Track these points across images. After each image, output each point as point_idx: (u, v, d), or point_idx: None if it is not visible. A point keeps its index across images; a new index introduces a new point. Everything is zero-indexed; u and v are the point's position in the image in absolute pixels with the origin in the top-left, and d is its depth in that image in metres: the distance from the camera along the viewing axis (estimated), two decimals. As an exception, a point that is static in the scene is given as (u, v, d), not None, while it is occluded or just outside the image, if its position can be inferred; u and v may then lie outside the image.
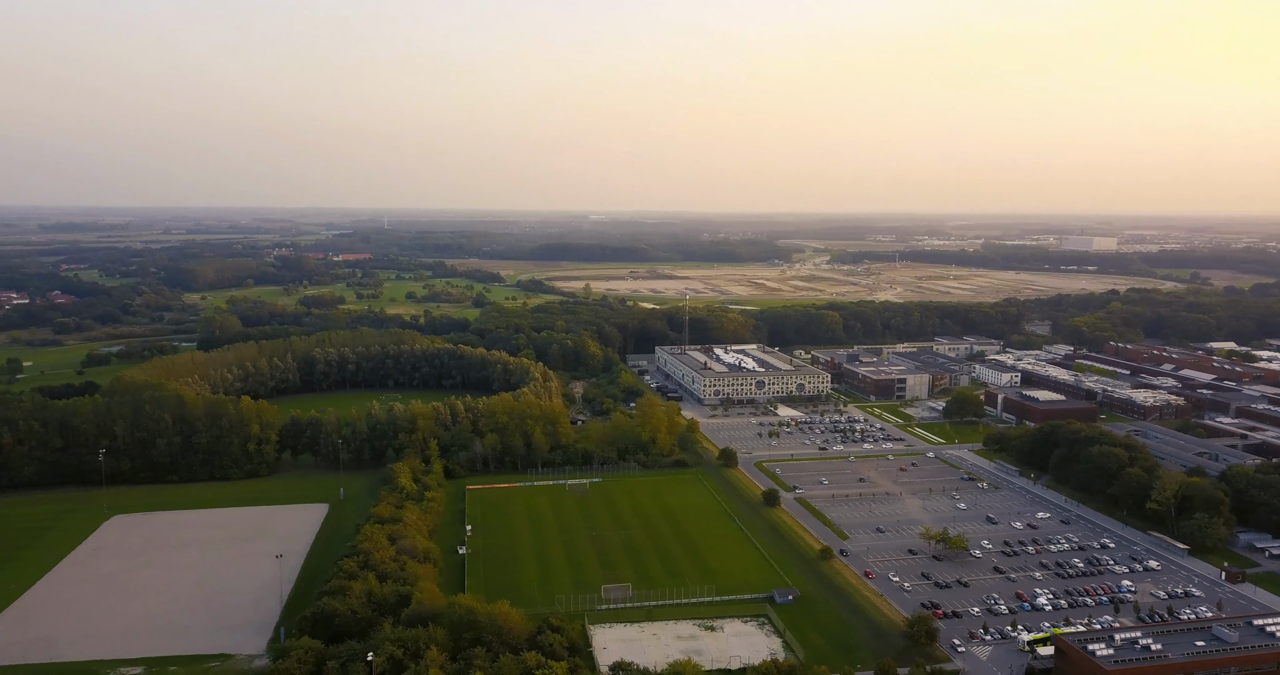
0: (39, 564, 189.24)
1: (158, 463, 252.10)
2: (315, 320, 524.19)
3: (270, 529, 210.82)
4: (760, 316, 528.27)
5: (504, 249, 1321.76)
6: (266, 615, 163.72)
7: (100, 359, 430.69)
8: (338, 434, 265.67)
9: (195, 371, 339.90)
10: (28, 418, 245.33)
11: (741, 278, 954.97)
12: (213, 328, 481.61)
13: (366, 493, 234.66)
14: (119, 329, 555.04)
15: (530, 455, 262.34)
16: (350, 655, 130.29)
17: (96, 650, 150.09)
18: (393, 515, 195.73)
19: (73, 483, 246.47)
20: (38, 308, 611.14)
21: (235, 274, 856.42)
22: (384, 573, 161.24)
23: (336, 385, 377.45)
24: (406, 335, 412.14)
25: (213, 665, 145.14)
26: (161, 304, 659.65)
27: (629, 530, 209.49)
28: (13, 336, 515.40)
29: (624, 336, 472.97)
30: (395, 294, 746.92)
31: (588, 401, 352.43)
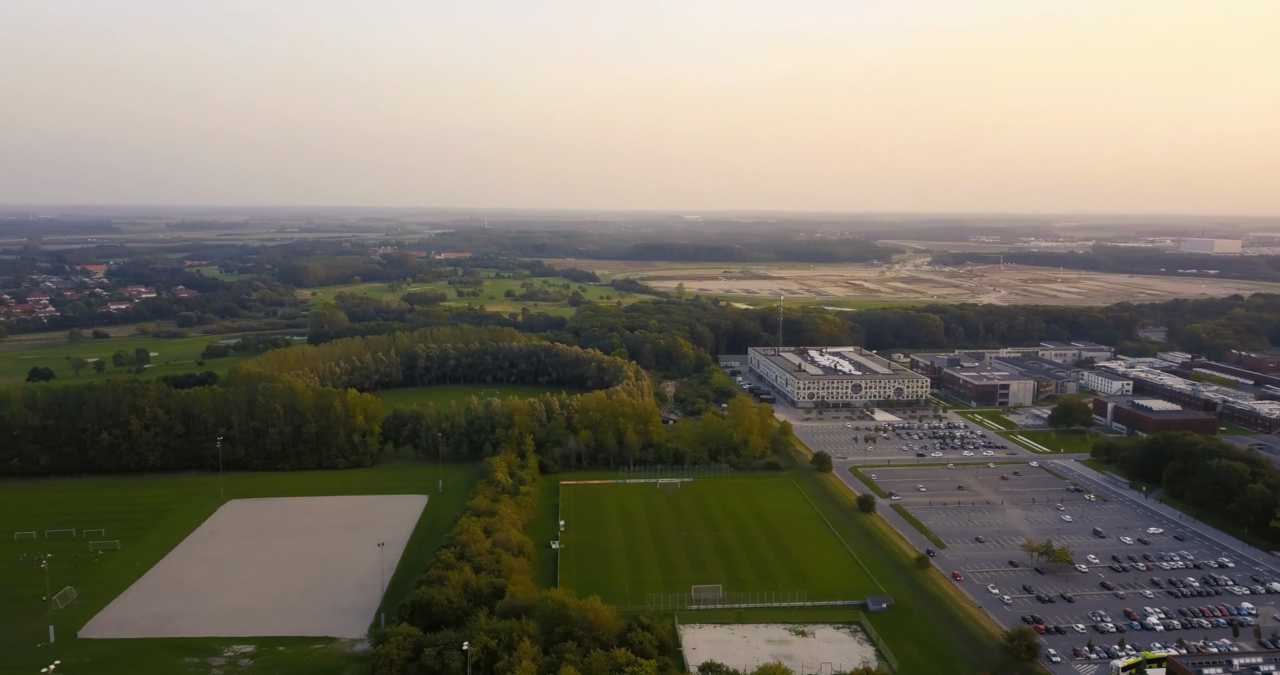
0: (162, 543, 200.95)
1: (270, 451, 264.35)
2: (418, 317, 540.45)
3: (373, 518, 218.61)
4: (857, 318, 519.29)
5: (600, 249, 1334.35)
6: (368, 601, 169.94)
7: (219, 351, 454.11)
8: (437, 427, 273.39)
9: (305, 364, 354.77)
10: (153, 406, 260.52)
11: (838, 278, 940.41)
12: (322, 323, 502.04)
13: (464, 485, 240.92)
14: (236, 323, 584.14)
15: (622, 453, 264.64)
16: (446, 643, 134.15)
17: (212, 628, 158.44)
18: (489, 508, 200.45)
19: (193, 468, 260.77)
20: (163, 302, 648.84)
21: (343, 271, 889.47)
22: (480, 564, 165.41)
23: (437, 380, 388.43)
24: (504, 332, 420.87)
25: (318, 647, 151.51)
26: (275, 299, 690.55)
27: (720, 531, 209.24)
28: (141, 328, 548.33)
29: (716, 337, 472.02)
30: (494, 292, 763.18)
31: (679, 401, 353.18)
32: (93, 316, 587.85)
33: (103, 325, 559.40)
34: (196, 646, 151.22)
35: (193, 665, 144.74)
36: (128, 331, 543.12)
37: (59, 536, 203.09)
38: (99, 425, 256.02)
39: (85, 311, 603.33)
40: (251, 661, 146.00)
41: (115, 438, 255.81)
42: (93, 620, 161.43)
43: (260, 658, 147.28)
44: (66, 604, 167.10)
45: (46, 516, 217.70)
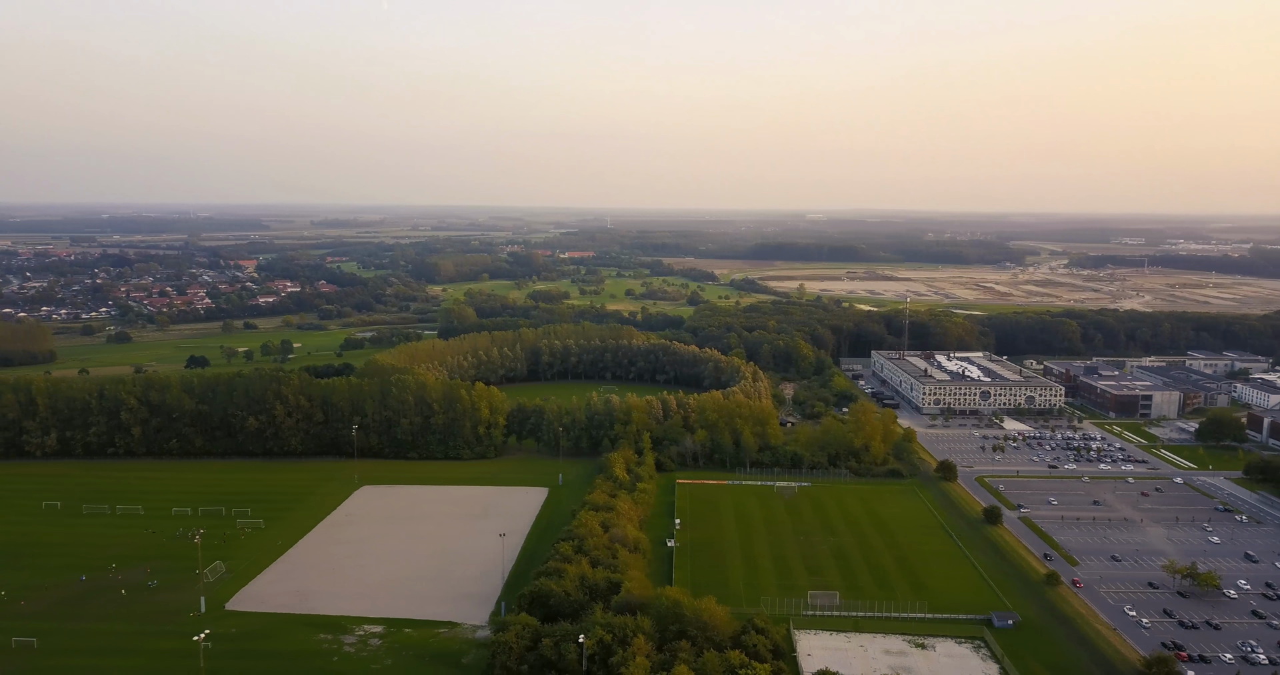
0: (301, 524, 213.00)
1: (400, 440, 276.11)
2: (542, 314, 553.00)
3: (495, 508, 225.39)
4: (987, 322, 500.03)
5: (719, 248, 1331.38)
6: (489, 589, 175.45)
7: (355, 343, 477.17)
8: (558, 422, 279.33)
9: (435, 358, 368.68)
10: (296, 394, 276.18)
11: (968, 281, 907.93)
12: (452, 318, 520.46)
13: (582, 480, 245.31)
14: (372, 316, 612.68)
15: (739, 454, 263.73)
16: (563, 635, 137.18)
17: (344, 607, 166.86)
18: (606, 503, 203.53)
19: (330, 453, 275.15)
20: (306, 295, 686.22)
21: (472, 268, 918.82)
22: (596, 559, 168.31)
23: (559, 376, 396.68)
24: (624, 331, 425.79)
25: (442, 631, 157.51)
26: (408, 294, 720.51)
27: (838, 537, 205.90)
28: (286, 320, 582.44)
29: (838, 339, 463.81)
30: (615, 290, 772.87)
31: (798, 404, 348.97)
32: (243, 308, 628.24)
33: (252, 317, 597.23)
34: (330, 624, 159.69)
35: (327, 641, 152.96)
36: (274, 323, 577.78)
37: (210, 514, 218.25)
38: (247, 411, 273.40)
39: (237, 304, 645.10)
40: (380, 642, 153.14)
41: (261, 423, 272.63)
42: (239, 593, 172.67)
43: (388, 638, 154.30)
44: (216, 577, 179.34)
45: (200, 494, 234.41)
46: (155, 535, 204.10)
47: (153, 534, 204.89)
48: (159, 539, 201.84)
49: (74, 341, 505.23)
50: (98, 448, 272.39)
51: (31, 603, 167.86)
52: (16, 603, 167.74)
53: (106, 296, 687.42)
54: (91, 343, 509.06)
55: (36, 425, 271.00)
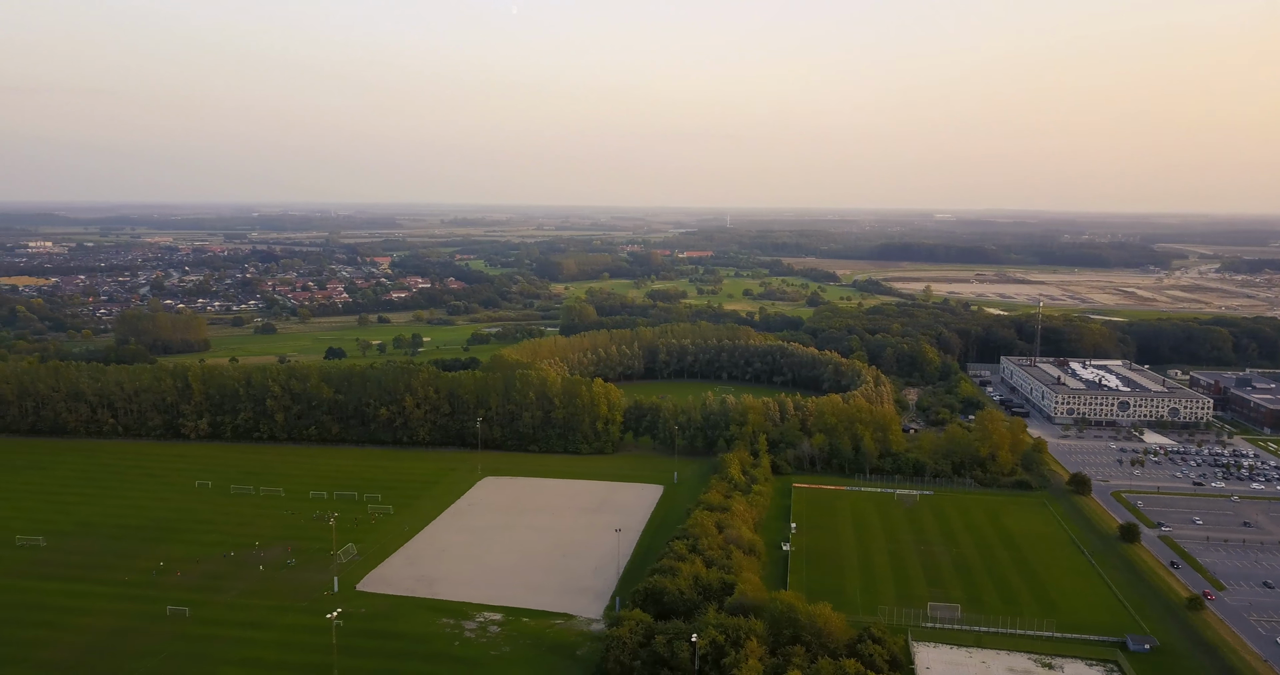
0: (427, 511, 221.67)
1: (522, 433, 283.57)
2: (659, 312, 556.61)
3: (611, 503, 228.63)
4: (1128, 329, 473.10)
5: (841, 248, 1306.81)
6: (604, 584, 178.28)
7: (481, 338, 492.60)
8: (674, 420, 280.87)
9: (556, 354, 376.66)
10: (425, 386, 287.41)
11: (1107, 285, 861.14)
12: (573, 315, 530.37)
13: (697, 479, 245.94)
14: (497, 313, 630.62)
15: (858, 459, 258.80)
16: (676, 633, 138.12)
17: (465, 593, 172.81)
18: (721, 504, 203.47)
19: (455, 444, 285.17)
20: (436, 291, 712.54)
21: (594, 267, 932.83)
22: (710, 559, 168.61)
23: (675, 374, 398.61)
24: (741, 331, 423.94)
25: (557, 622, 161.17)
26: (532, 292, 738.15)
27: (960, 548, 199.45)
28: (416, 315, 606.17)
29: (965, 343, 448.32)
30: (733, 290, 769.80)
31: (921, 410, 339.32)
32: (378, 303, 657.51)
33: (386, 311, 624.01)
34: (452, 609, 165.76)
35: (449, 626, 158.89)
36: (406, 317, 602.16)
37: (344, 498, 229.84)
38: (379, 401, 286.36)
39: (372, 299, 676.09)
40: (499, 629, 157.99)
41: (392, 413, 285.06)
42: (369, 576, 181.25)
43: (506, 626, 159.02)
44: (348, 559, 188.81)
45: (335, 479, 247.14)
46: (294, 516, 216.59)
47: (292, 515, 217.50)
48: (297, 520, 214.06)
49: (225, 332, 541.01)
50: (245, 432, 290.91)
51: (185, 574, 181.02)
52: (173, 573, 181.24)
53: (255, 290, 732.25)
54: (241, 333, 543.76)
55: (192, 409, 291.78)
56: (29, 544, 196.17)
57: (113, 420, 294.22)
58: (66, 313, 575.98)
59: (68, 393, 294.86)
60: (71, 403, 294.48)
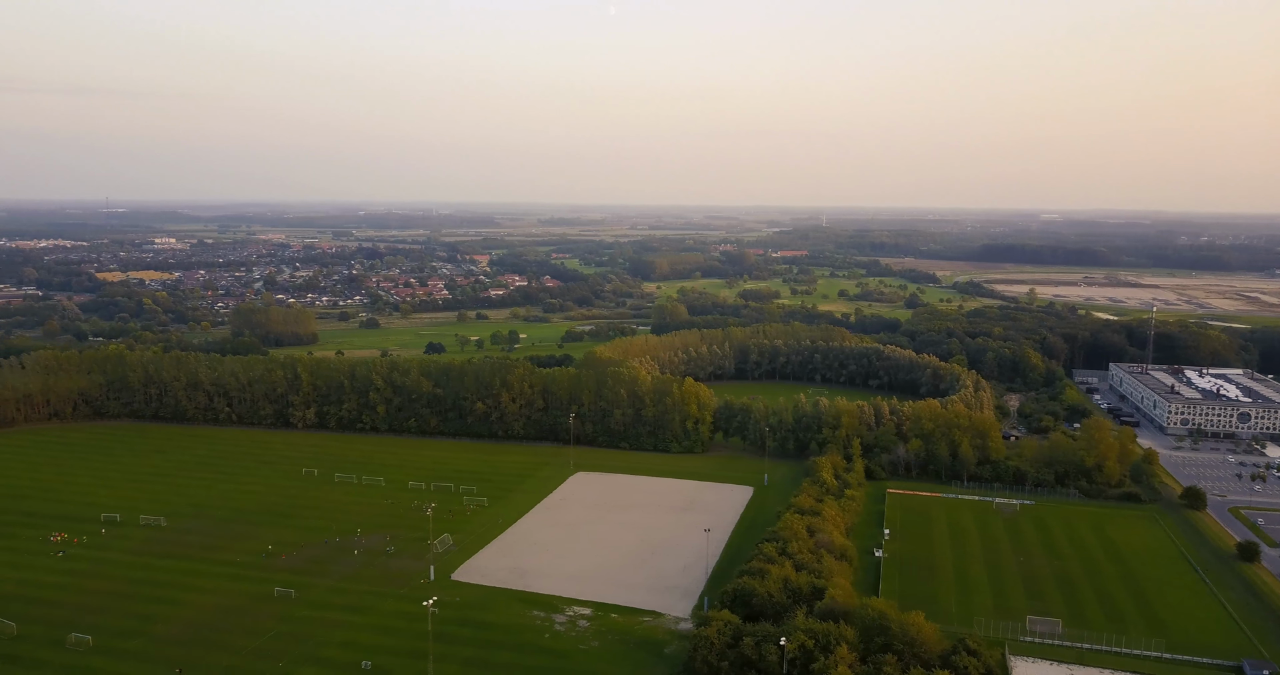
0: (520, 505, 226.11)
1: (613, 430, 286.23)
2: (751, 312, 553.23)
3: (700, 503, 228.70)
4: (1250, 336, 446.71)
5: (942, 249, 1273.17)
6: (692, 583, 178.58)
7: (575, 336, 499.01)
8: (765, 422, 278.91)
9: (648, 352, 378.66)
10: (520, 381, 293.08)
11: (1227, 289, 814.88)
12: (664, 314, 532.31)
13: (788, 482, 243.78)
14: (591, 311, 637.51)
15: (955, 466, 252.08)
16: (764, 636, 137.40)
17: (556, 587, 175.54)
18: (812, 507, 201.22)
19: (548, 439, 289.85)
20: (533, 289, 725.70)
21: (686, 267, 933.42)
22: (800, 562, 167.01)
23: (766, 375, 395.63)
24: (836, 332, 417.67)
25: (646, 619, 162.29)
26: (624, 291, 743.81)
27: (1063, 561, 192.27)
28: (513, 312, 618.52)
29: (1071, 349, 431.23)
30: (828, 291, 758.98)
31: (1023, 416, 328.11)
32: (476, 300, 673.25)
33: (484, 308, 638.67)
34: (543, 602, 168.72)
35: (539, 618, 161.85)
36: (503, 314, 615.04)
37: (441, 489, 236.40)
38: (476, 395, 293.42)
39: (471, 295, 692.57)
40: (588, 624, 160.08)
41: (488, 407, 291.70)
42: (463, 566, 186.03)
43: (596, 621, 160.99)
44: (444, 549, 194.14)
45: (432, 470, 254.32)
46: (393, 505, 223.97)
47: (391, 504, 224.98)
48: (396, 509, 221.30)
49: (332, 326, 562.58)
50: (348, 422, 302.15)
51: (291, 558, 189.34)
52: (279, 556, 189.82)
53: (360, 286, 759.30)
54: (346, 327, 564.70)
55: (300, 399, 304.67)
56: (151, 524, 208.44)
57: (228, 408, 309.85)
58: (188, 306, 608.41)
59: (188, 382, 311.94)
60: (191, 391, 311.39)
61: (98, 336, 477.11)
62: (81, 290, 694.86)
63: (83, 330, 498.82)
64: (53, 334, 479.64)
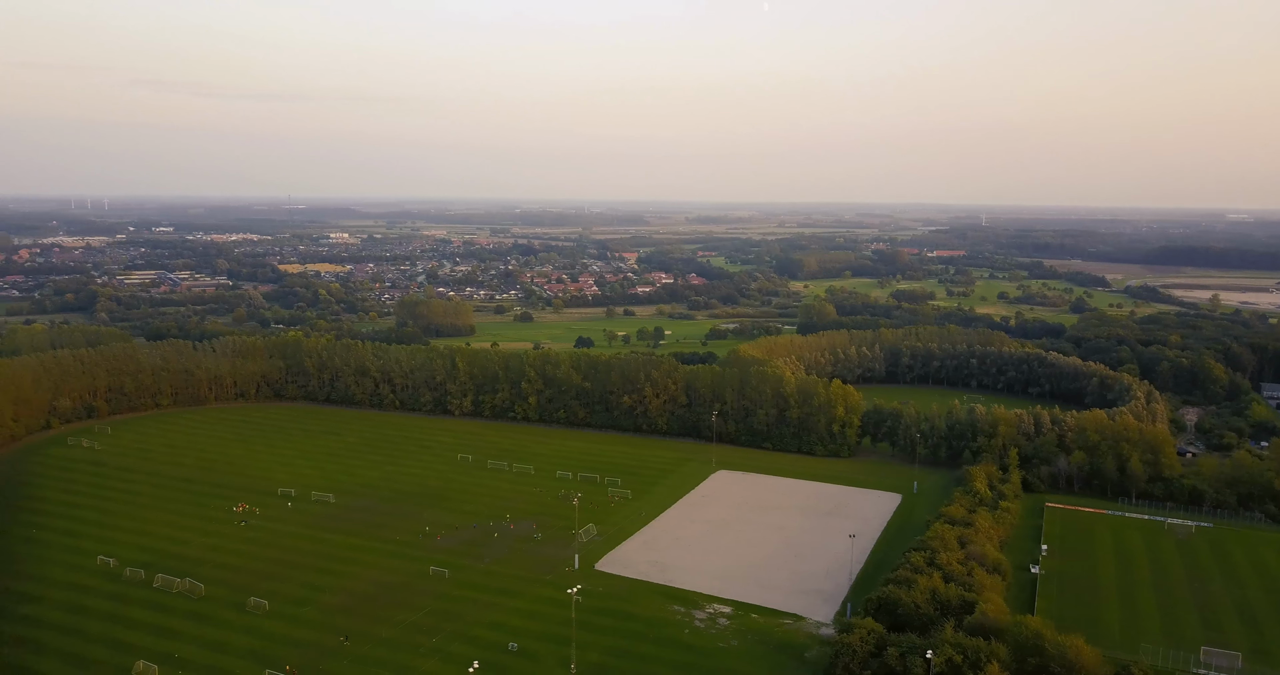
0: (663, 499, 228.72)
1: (756, 430, 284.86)
2: (904, 314, 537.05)
3: (845, 508, 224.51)
4: None
5: (1113, 251, 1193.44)
6: (835, 588, 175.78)
7: (719, 334, 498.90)
8: (916, 427, 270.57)
9: (793, 352, 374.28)
10: (664, 377, 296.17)
11: None
12: (811, 314, 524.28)
13: (938, 490, 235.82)
14: (736, 309, 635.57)
15: (1123, 482, 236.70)
16: (910, 647, 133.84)
17: (697, 583, 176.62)
18: (964, 518, 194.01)
19: (691, 435, 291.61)
20: (678, 287, 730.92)
21: (835, 265, 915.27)
22: (950, 574, 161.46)
23: (918, 379, 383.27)
24: (994, 336, 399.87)
25: (786, 622, 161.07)
26: (770, 289, 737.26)
27: (1245, 590, 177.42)
28: (659, 309, 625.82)
29: (1260, 360, 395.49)
30: (986, 293, 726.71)
31: (1202, 432, 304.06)
32: (624, 296, 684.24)
33: (631, 304, 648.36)
34: (683, 597, 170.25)
35: (679, 613, 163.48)
36: (649, 311, 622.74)
37: (587, 480, 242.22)
38: (622, 389, 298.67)
39: (619, 292, 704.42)
40: (728, 622, 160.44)
41: (633, 401, 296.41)
42: (606, 556, 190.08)
43: (735, 620, 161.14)
44: (589, 539, 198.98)
45: (579, 461, 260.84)
46: (541, 494, 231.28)
47: (540, 492, 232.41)
48: (544, 497, 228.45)
49: (488, 318, 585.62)
50: (502, 411, 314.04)
51: (446, 539, 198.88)
52: (435, 537, 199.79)
53: (515, 281, 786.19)
54: (502, 320, 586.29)
55: (457, 388, 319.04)
56: (321, 500, 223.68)
57: (391, 394, 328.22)
58: (357, 296, 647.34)
59: (356, 368, 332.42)
60: (359, 377, 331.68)
61: (278, 323, 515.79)
62: (265, 280, 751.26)
63: (265, 318, 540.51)
64: (240, 320, 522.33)
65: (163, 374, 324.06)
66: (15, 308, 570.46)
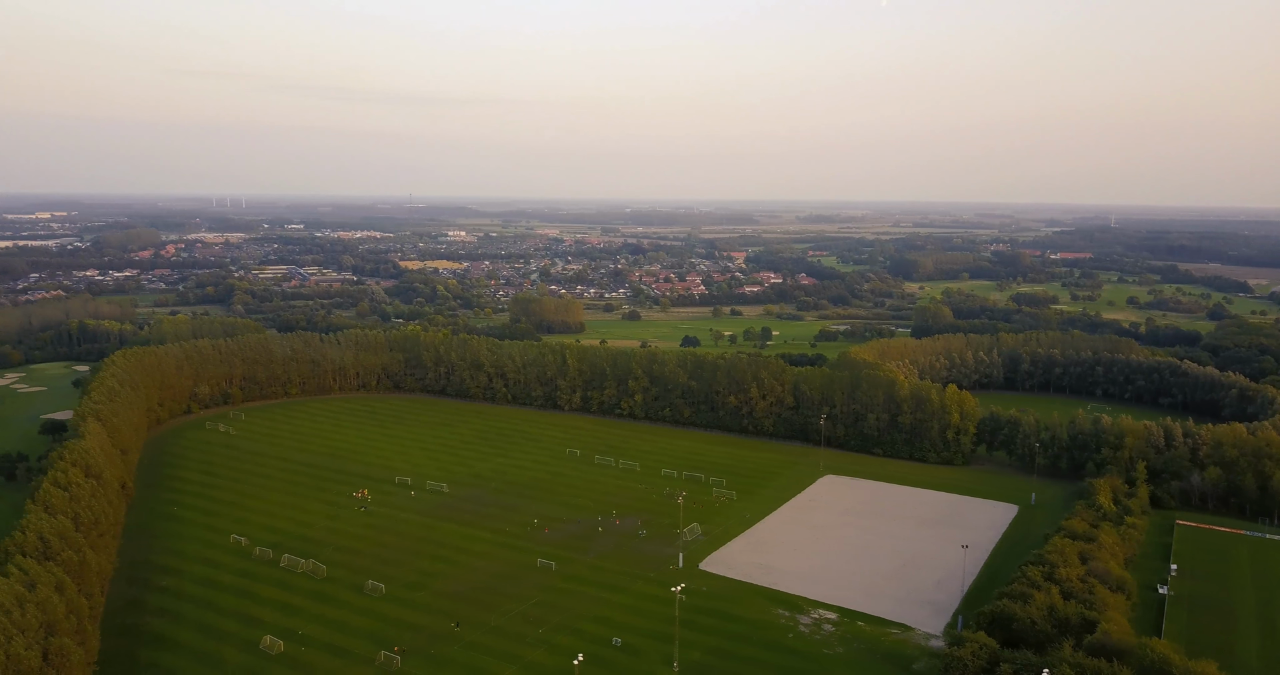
0: (768, 502, 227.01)
1: (866, 434, 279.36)
2: (1024, 318, 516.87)
3: (958, 517, 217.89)
4: None
5: (1257, 254, 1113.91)
6: (946, 600, 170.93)
7: (829, 335, 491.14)
8: (1035, 436, 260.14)
9: (906, 356, 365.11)
10: (771, 378, 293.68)
11: None
12: (926, 317, 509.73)
13: (1059, 503, 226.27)
14: (846, 310, 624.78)
15: (1264, 501, 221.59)
16: (1025, 664, 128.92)
17: (802, 587, 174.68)
18: (1086, 533, 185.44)
19: (798, 438, 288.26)
20: (787, 287, 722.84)
21: (952, 266, 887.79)
22: (1069, 591, 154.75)
23: (1039, 387, 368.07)
24: (1122, 343, 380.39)
25: (894, 632, 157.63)
26: (884, 291, 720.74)
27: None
28: (767, 309, 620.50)
29: None
30: (1114, 298, 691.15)
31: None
32: (731, 296, 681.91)
33: (738, 304, 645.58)
34: (788, 601, 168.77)
35: (784, 617, 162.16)
36: (756, 311, 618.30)
37: (692, 479, 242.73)
38: (728, 389, 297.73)
39: (726, 291, 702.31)
40: (833, 628, 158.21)
41: (739, 402, 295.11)
42: (710, 556, 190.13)
43: (841, 627, 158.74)
44: (693, 538, 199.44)
45: (684, 460, 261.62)
46: (646, 491, 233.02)
47: (645, 490, 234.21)
48: (649, 495, 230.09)
49: (597, 316, 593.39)
50: (608, 408, 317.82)
51: (553, 532, 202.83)
52: (543, 529, 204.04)
53: (624, 280, 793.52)
54: (610, 318, 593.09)
55: (567, 384, 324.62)
56: (435, 489, 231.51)
57: (504, 388, 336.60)
58: (473, 293, 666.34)
59: (471, 362, 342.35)
60: (473, 371, 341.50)
61: (398, 318, 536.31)
62: (387, 276, 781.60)
63: (386, 312, 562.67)
64: (363, 314, 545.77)
65: (292, 364, 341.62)
66: (162, 299, 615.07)
